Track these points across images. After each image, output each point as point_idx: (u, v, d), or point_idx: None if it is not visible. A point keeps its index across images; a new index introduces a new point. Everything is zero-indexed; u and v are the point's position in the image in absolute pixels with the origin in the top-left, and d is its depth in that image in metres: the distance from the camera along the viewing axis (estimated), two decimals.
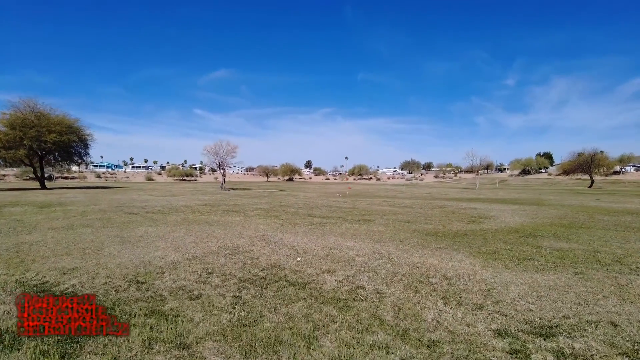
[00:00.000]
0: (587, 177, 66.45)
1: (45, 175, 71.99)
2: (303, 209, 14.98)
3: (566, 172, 71.48)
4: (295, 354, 2.84)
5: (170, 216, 11.93)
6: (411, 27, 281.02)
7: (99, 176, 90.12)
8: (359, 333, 3.19)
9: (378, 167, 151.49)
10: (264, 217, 11.71)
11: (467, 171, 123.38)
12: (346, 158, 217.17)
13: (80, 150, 40.36)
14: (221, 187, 37.35)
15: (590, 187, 58.27)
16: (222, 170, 38.98)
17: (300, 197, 23.23)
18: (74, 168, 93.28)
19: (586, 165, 62.04)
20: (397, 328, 3.30)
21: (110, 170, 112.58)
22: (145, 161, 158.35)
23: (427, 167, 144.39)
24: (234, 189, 37.80)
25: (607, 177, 70.81)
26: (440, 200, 21.48)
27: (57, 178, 75.14)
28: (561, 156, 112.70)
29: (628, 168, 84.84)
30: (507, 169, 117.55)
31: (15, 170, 67.98)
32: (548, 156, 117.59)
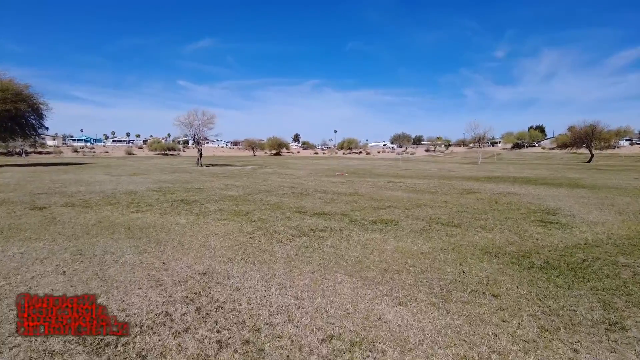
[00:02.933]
0: (581, 151, 64.08)
1: (17, 149, 65.70)
2: (289, 196, 10.94)
3: (564, 146, 68.82)
4: None
5: (87, 213, 7.81)
6: None
7: (76, 151, 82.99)
8: None
9: (367, 140, 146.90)
10: (227, 217, 7.61)
11: (457, 145, 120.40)
12: (335, 131, 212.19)
13: (34, 121, 34.55)
14: (197, 163, 32.67)
15: (589, 161, 55.86)
16: (197, 144, 34.26)
17: (286, 177, 19.09)
18: (49, 142, 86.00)
19: (587, 138, 59.12)
20: None
21: (89, 144, 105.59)
22: (127, 135, 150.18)
23: (417, 140, 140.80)
24: (212, 165, 33.26)
25: (602, 151, 67.69)
26: (457, 180, 17.67)
27: (30, 153, 68.65)
28: (553, 129, 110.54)
29: (622, 142, 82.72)
30: (499, 142, 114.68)
31: None
32: (541, 129, 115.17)
